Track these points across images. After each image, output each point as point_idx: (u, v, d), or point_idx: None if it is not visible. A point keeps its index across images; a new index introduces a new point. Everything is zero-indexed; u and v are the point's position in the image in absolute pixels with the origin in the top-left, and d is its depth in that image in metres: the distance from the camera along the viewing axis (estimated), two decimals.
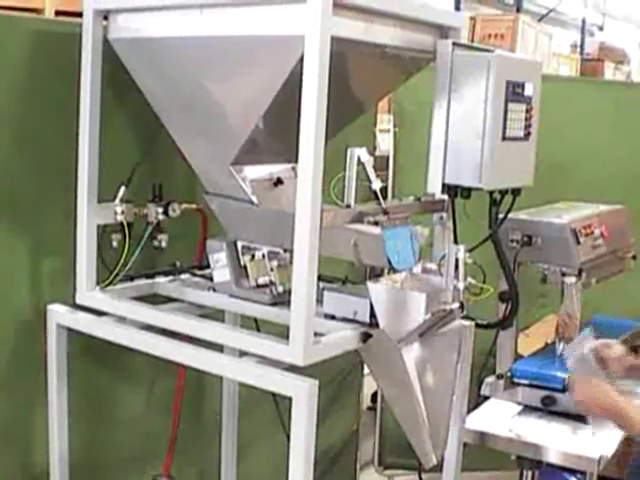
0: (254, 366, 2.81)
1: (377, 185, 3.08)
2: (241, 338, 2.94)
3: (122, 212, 3.24)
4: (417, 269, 3.03)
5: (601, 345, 3.56)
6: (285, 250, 3.10)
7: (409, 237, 3.03)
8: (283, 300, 3.07)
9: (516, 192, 3.23)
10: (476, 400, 3.91)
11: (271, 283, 3.15)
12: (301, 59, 2.53)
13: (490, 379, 3.99)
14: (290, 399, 2.68)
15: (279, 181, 3.17)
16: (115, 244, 3.28)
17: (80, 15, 3.15)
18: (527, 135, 3.14)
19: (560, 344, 3.88)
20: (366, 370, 4.54)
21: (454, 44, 2.99)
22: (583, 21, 19.54)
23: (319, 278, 2.70)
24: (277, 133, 2.94)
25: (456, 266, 2.97)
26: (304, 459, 2.65)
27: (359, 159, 3.02)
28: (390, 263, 2.94)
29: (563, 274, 3.80)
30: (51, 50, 3.18)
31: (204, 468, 4.08)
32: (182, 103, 3.05)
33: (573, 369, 3.63)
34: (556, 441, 3.61)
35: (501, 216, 3.28)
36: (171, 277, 3.46)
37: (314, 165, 2.54)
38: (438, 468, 3.33)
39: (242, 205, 3.07)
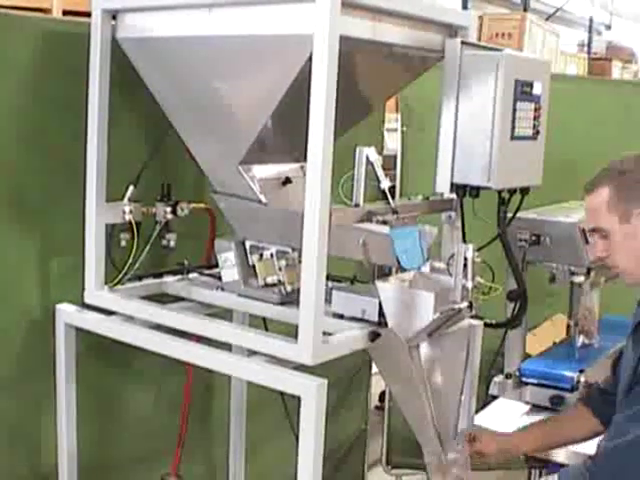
0: (263, 365, 2.81)
1: (386, 184, 3.08)
2: (250, 337, 2.94)
3: (130, 211, 3.25)
4: (426, 268, 3.03)
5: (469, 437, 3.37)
6: (293, 249, 3.10)
7: (417, 236, 3.03)
8: (291, 299, 3.07)
9: (524, 191, 3.23)
10: (484, 399, 3.90)
11: (279, 282, 3.14)
12: (310, 58, 2.53)
13: (498, 378, 3.97)
14: (299, 398, 2.68)
15: (288, 180, 3.17)
16: (123, 243, 3.28)
17: (87, 15, 3.15)
18: (536, 134, 3.14)
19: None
20: (374, 369, 4.54)
21: (463, 43, 2.99)
22: (590, 20, 19.47)
23: (327, 277, 2.70)
24: (286, 132, 2.94)
25: (465, 265, 2.96)
26: (313, 458, 2.65)
27: (368, 158, 3.02)
28: (399, 262, 2.94)
29: (572, 273, 3.79)
30: (59, 50, 3.18)
31: (212, 467, 4.09)
32: (190, 102, 3.05)
33: None
34: None
35: (509, 215, 3.28)
36: (179, 276, 3.46)
37: (323, 164, 2.54)
38: None
39: (250, 204, 3.07)
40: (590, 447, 3.49)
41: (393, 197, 3.14)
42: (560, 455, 3.57)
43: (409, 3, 2.86)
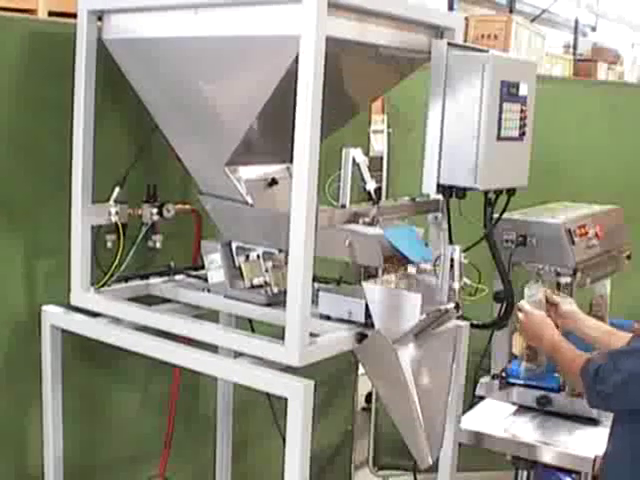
0: (249, 367, 2.80)
1: (372, 186, 3.09)
2: (236, 339, 2.93)
3: (116, 213, 3.24)
4: (412, 269, 3.03)
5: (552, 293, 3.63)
6: (280, 251, 3.10)
7: (414, 234, 3.05)
8: (278, 301, 3.07)
9: (511, 192, 3.24)
10: (471, 400, 3.91)
11: (266, 284, 3.14)
12: (296, 59, 2.53)
13: (485, 379, 3.99)
14: (286, 400, 2.68)
15: (274, 181, 3.17)
16: (110, 245, 3.28)
17: (73, 16, 3.14)
18: (522, 135, 3.14)
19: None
20: (361, 370, 4.54)
21: (449, 44, 2.99)
22: (576, 22, 19.52)
23: (314, 279, 2.69)
24: (272, 133, 2.93)
25: (451, 266, 2.97)
26: (300, 460, 2.65)
27: (354, 160, 3.02)
28: (408, 259, 2.95)
29: (558, 274, 3.80)
30: (45, 51, 3.17)
31: (199, 469, 4.07)
32: (176, 103, 3.05)
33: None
34: (551, 441, 3.61)
35: (496, 216, 3.28)
36: (166, 278, 3.46)
37: (309, 165, 2.54)
38: (433, 468, 3.32)
39: (237, 205, 3.07)
40: (579, 448, 3.53)
41: (380, 198, 3.14)
42: (547, 456, 3.58)
43: (395, 4, 2.86)
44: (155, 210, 3.37)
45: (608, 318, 4.22)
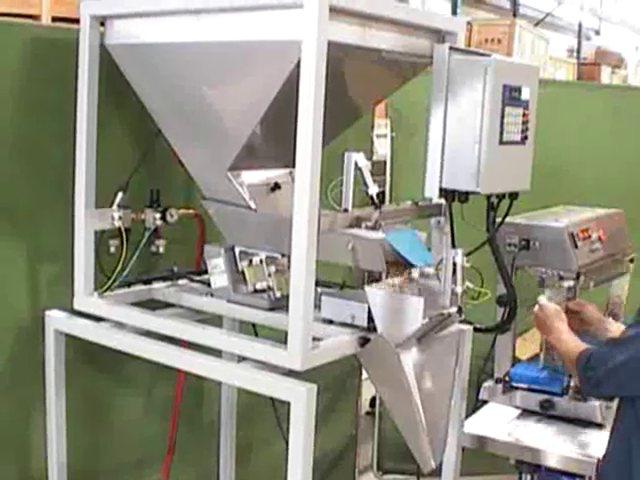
0: (252, 371, 2.81)
1: (374, 190, 3.09)
2: (239, 343, 2.94)
3: (119, 218, 3.25)
4: (415, 273, 3.04)
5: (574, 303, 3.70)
6: (283, 255, 3.10)
7: (416, 238, 3.05)
8: (281, 305, 3.07)
9: (513, 196, 3.24)
10: (474, 404, 3.90)
11: (269, 288, 3.15)
12: (298, 64, 2.53)
13: (488, 383, 3.98)
14: (288, 404, 2.68)
15: (276, 186, 3.17)
16: (113, 250, 3.28)
17: (77, 21, 3.15)
18: (524, 139, 3.14)
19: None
20: (365, 375, 4.54)
21: (451, 48, 2.99)
22: (579, 25, 19.55)
23: (317, 283, 2.70)
24: (274, 138, 2.94)
25: (454, 270, 2.97)
26: (303, 464, 2.65)
27: (356, 164, 3.03)
28: (409, 262, 2.95)
29: (561, 278, 3.79)
30: (48, 56, 3.18)
31: (203, 473, 4.07)
32: (179, 108, 3.05)
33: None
34: (555, 445, 3.61)
35: (498, 220, 3.28)
36: (169, 282, 3.46)
37: (311, 170, 2.54)
38: (437, 472, 3.32)
39: (240, 210, 3.08)
40: (582, 452, 3.52)
41: (383, 202, 3.14)
42: (550, 460, 3.58)
43: (398, 9, 2.86)
44: (158, 215, 3.37)
45: (624, 317, 4.24)
